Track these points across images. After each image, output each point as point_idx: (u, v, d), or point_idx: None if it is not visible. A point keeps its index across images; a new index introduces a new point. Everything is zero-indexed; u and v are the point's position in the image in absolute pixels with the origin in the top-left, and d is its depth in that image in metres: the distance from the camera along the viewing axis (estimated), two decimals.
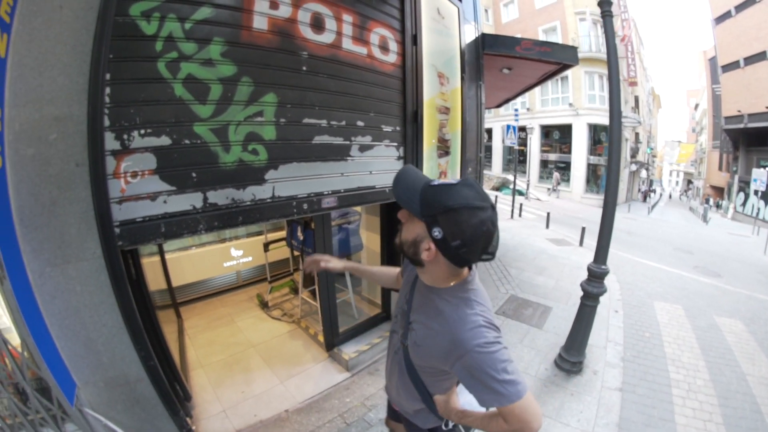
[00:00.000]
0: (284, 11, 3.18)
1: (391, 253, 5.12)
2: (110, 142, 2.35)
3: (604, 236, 4.40)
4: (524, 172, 29.37)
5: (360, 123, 3.95)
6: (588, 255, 9.52)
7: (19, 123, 2.01)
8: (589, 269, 4.48)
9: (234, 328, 5.40)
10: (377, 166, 4.24)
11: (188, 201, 2.72)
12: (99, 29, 2.23)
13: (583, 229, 11.85)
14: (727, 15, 29.49)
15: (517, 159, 23.30)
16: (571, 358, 4.58)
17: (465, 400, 1.63)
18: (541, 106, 29.36)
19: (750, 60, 27.50)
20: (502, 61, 7.09)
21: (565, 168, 28.89)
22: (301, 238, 5.00)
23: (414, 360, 1.57)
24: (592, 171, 28.07)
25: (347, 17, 3.72)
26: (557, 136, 29.32)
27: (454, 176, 5.66)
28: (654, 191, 44.08)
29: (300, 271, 5.59)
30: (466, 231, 1.26)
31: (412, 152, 4.65)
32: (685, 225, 23.62)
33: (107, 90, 2.31)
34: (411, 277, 1.69)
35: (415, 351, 1.53)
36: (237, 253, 6.46)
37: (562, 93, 27.64)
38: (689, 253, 13.34)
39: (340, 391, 4.16)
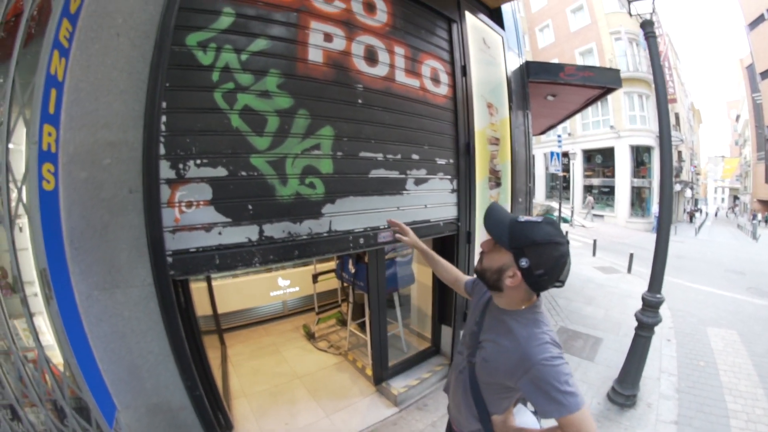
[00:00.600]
0: (338, 44, 3.14)
1: (442, 287, 4.89)
2: (165, 171, 2.31)
3: (658, 264, 4.20)
4: (568, 199, 28.47)
5: (415, 156, 3.84)
6: (636, 282, 9.93)
7: (74, 146, 2.00)
8: (643, 298, 4.26)
9: (279, 358, 5.22)
10: (432, 199, 4.10)
11: (244, 233, 2.63)
12: (156, 58, 2.24)
13: (631, 255, 11.38)
14: (760, 19, 28.72)
15: (561, 186, 22.62)
16: (624, 392, 4.32)
17: (521, 420, 1.79)
18: (582, 130, 28.60)
19: None
20: (547, 88, 6.94)
21: (608, 192, 27.94)
22: (353, 270, 4.83)
23: (480, 377, 1.66)
24: (637, 194, 26.99)
25: (399, 49, 3.66)
26: (600, 160, 28.35)
27: (504, 207, 5.41)
28: (699, 210, 42.09)
29: (348, 303, 5.42)
30: (549, 262, 1.44)
31: (465, 185, 4.50)
32: (734, 244, 22.57)
33: (163, 118, 2.28)
34: (482, 301, 1.82)
35: (483, 367, 1.63)
36: (284, 283, 6.34)
37: (602, 116, 26.84)
38: (741, 274, 12.70)
39: (388, 426, 3.96)
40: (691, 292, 9.62)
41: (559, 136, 18.47)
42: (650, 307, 4.21)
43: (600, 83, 6.86)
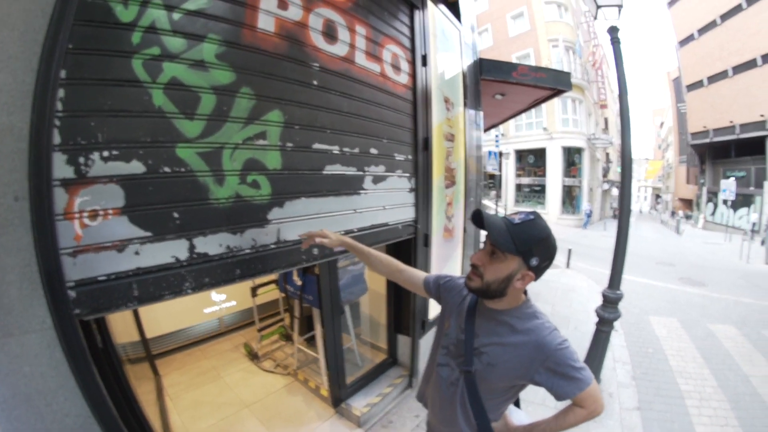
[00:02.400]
0: (294, 13, 2.51)
1: (398, 295, 4.41)
2: (60, 167, 1.58)
3: (617, 262, 4.34)
4: (500, 197, 29.30)
5: (373, 150, 3.28)
6: (576, 276, 10.56)
7: None
8: (604, 295, 4.41)
9: (222, 385, 4.49)
10: (390, 200, 3.57)
11: (169, 251, 1.92)
12: (58, 8, 1.53)
13: (569, 251, 11.81)
14: (690, 38, 31.49)
15: (498, 184, 23.37)
16: None
17: (517, 419, 1.77)
18: (515, 131, 29.68)
19: (713, 79, 29.36)
20: (497, 86, 6.64)
21: (540, 191, 29.22)
22: (299, 283, 4.23)
23: (483, 383, 1.61)
24: (567, 192, 28.56)
25: (360, 29, 3.09)
26: (532, 160, 29.67)
27: (458, 207, 5.15)
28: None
29: (294, 317, 4.79)
30: (552, 252, 1.50)
31: (423, 183, 4.02)
32: (660, 238, 24.31)
33: (60, 92, 1.56)
34: (464, 307, 1.74)
35: (488, 372, 1.58)
36: (219, 298, 5.57)
37: (536, 118, 27.94)
38: (671, 266, 13.71)
39: None
40: (628, 284, 10.11)
41: (497, 135, 18.70)
42: (610, 303, 4.35)
43: (551, 85, 6.63)
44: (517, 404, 1.93)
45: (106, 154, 1.70)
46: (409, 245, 4.03)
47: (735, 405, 4.60)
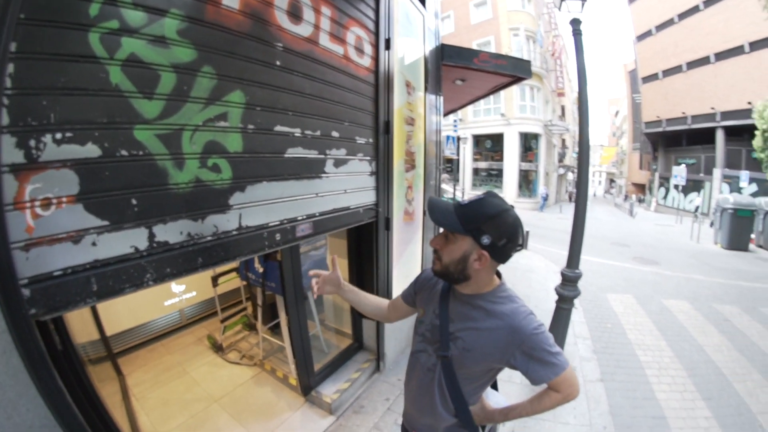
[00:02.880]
0: None
1: (360, 279, 4.38)
2: (9, 151, 1.43)
3: (575, 242, 4.50)
4: (458, 181, 29.69)
5: (335, 133, 3.21)
6: (534, 257, 10.85)
7: None
8: (563, 274, 4.55)
9: (188, 381, 4.30)
10: (352, 183, 3.52)
11: (128, 241, 1.80)
12: None
13: (527, 233, 11.83)
14: (648, 33, 33.50)
15: (455, 168, 23.64)
16: None
17: (494, 401, 1.77)
18: (473, 116, 30.11)
19: (668, 72, 31.46)
20: (458, 72, 6.62)
21: (497, 175, 29.84)
22: (261, 270, 4.11)
23: (460, 368, 1.60)
24: (524, 177, 29.45)
25: (325, 9, 3.00)
26: (489, 145, 30.24)
27: (418, 191, 5.15)
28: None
29: (256, 305, 4.66)
30: (509, 229, 1.44)
31: (384, 167, 3.99)
32: (614, 220, 25.44)
33: (10, 67, 1.42)
34: (435, 292, 1.74)
35: (464, 357, 1.57)
36: (179, 289, 5.31)
37: (494, 104, 28.41)
38: (626, 246, 14.23)
39: None
40: (585, 263, 10.67)
41: (455, 120, 18.82)
42: (570, 281, 4.48)
43: (511, 72, 6.65)
44: (494, 386, 1.93)
45: (59, 136, 1.55)
46: (370, 229, 4.02)
47: (691, 372, 4.93)
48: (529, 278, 8.59)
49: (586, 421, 3.82)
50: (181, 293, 5.36)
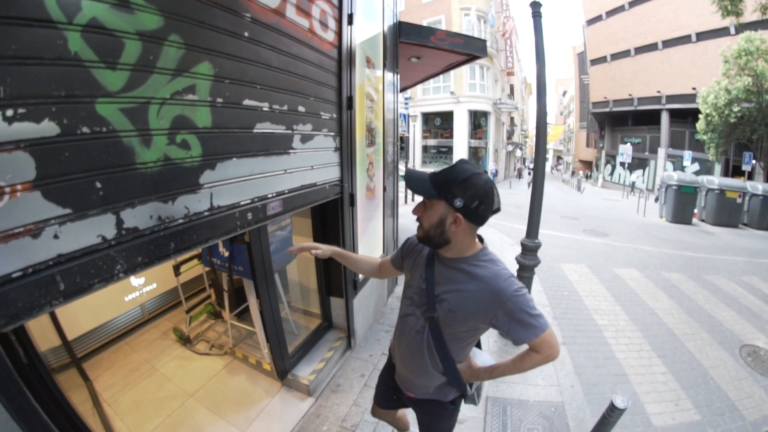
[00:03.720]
0: None
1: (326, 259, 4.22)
2: None
3: (534, 214, 4.59)
4: (408, 158, 29.77)
5: (301, 108, 3.04)
6: (488, 231, 10.85)
7: None
8: (522, 244, 4.67)
9: (159, 378, 4.03)
10: (318, 159, 3.38)
11: (94, 229, 1.58)
12: None
13: None
14: (598, 18, 34.55)
15: (402, 146, 23.65)
16: None
17: (480, 360, 1.88)
18: (422, 94, 30.00)
19: (616, 56, 32.82)
20: (414, 49, 6.52)
21: (447, 152, 30.09)
22: (226, 254, 3.90)
23: (447, 329, 1.68)
24: (474, 153, 29.87)
25: None
26: (438, 123, 30.37)
27: (378, 167, 5.12)
28: (530, 169, 47.34)
29: (224, 291, 4.42)
30: (480, 191, 1.51)
31: (347, 142, 3.87)
32: (563, 195, 26.18)
33: None
34: (422, 258, 1.82)
35: (450, 317, 1.64)
36: (138, 282, 4.90)
37: (443, 82, 28.45)
38: (576, 219, 14.75)
39: (312, 420, 3.46)
40: (539, 236, 10.78)
41: (406, 98, 18.70)
42: (529, 251, 4.61)
43: (467, 50, 6.60)
44: (478, 345, 2.02)
45: (10, 113, 1.30)
46: (336, 206, 3.91)
47: (646, 333, 5.31)
48: None
49: (554, 382, 3.99)
50: (141, 286, 4.97)
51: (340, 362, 4.20)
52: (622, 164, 28.02)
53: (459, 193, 1.50)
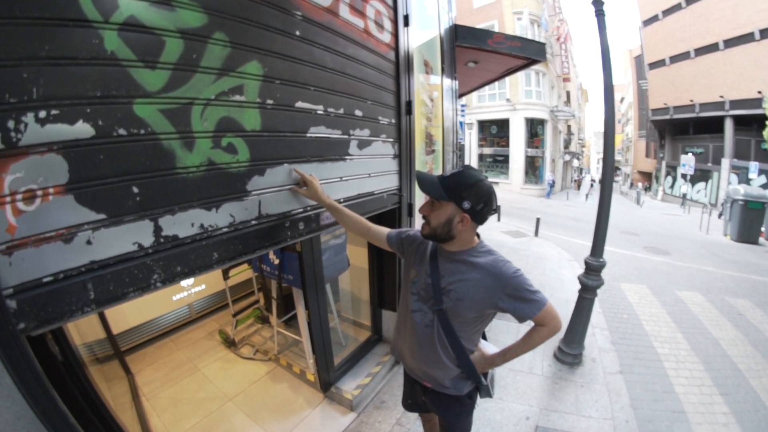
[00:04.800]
0: None
1: (381, 270, 4.09)
2: None
3: (600, 230, 4.21)
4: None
5: (358, 112, 2.84)
6: (546, 245, 10.38)
7: None
8: (587, 263, 4.27)
9: (200, 378, 3.99)
10: (375, 166, 3.16)
11: (129, 236, 1.46)
12: None
13: (537, 220, 11.57)
14: (654, 18, 31.53)
15: (460, 154, 23.28)
16: (572, 351, 4.38)
17: (490, 349, 1.93)
18: (478, 101, 29.09)
19: (675, 59, 29.61)
20: (471, 53, 6.20)
21: (503, 161, 29.06)
22: (276, 261, 3.77)
23: (456, 318, 1.73)
24: (530, 163, 28.50)
25: None
26: (494, 131, 29.36)
27: (437, 174, 4.71)
28: (595, 181, 45.00)
29: (272, 299, 4.30)
30: (484, 195, 1.63)
31: (406, 149, 3.62)
32: (622, 208, 24.43)
33: None
34: (426, 255, 1.87)
35: (458, 306, 1.70)
36: (187, 282, 4.95)
37: (499, 89, 27.53)
38: (635, 235, 13.52)
39: None
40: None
41: (462, 105, 18.32)
42: (593, 270, 4.21)
43: (525, 54, 6.23)
44: (484, 338, 2.06)
45: (43, 114, 1.22)
46: (392, 215, 3.68)
47: (708, 366, 4.68)
48: (542, 266, 8.30)
49: (608, 415, 3.65)
50: (189, 287, 5.03)
51: (387, 377, 3.95)
52: (684, 176, 25.58)
53: (467, 196, 1.61)
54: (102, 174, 1.37)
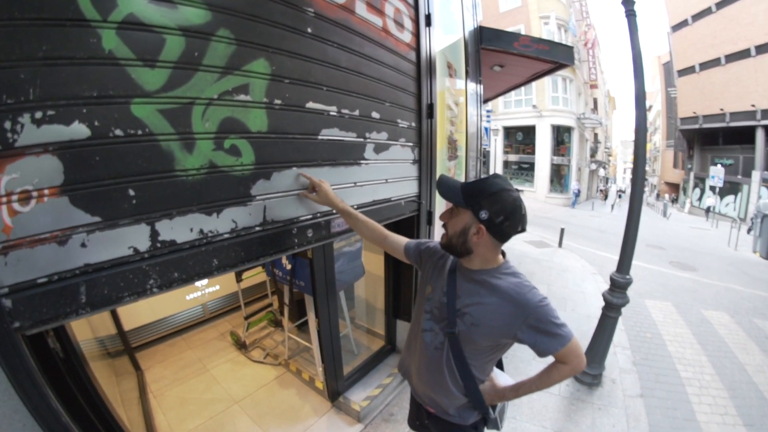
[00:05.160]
0: None
1: (397, 278, 4.00)
2: None
3: (628, 245, 3.95)
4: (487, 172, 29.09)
5: (375, 114, 2.77)
6: (570, 256, 10.23)
7: None
8: (612, 279, 4.04)
9: (208, 379, 4.05)
10: (393, 172, 3.09)
11: (125, 240, 1.44)
12: None
13: (562, 230, 11.41)
14: (684, 23, 30.58)
15: (485, 161, 23.23)
16: (592, 371, 4.20)
17: (503, 380, 1.78)
18: (504, 107, 28.92)
19: (705, 65, 28.63)
20: (496, 57, 6.11)
21: (528, 168, 28.76)
22: (288, 267, 3.75)
23: (468, 344, 1.59)
24: (556, 171, 28.16)
25: None
26: (520, 137, 29.15)
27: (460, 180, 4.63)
28: (623, 192, 44.00)
29: (284, 304, 4.32)
30: (507, 207, 1.46)
31: (426, 154, 3.54)
32: (648, 220, 23.87)
33: None
34: (445, 271, 1.73)
35: (472, 332, 1.56)
36: (201, 283, 5.03)
37: (525, 95, 27.29)
38: (661, 249, 13.19)
39: None
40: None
41: (488, 111, 18.22)
42: (619, 287, 3.99)
43: (553, 58, 6.11)
44: (500, 366, 1.93)
45: (39, 115, 1.21)
46: (411, 223, 3.60)
47: (732, 394, 4.48)
48: (564, 278, 8.17)
49: None
50: (203, 287, 5.13)
51: (399, 389, 3.86)
52: (712, 188, 24.39)
53: (485, 206, 1.48)
54: (97, 176, 1.35)
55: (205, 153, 1.65)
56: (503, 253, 1.65)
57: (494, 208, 1.46)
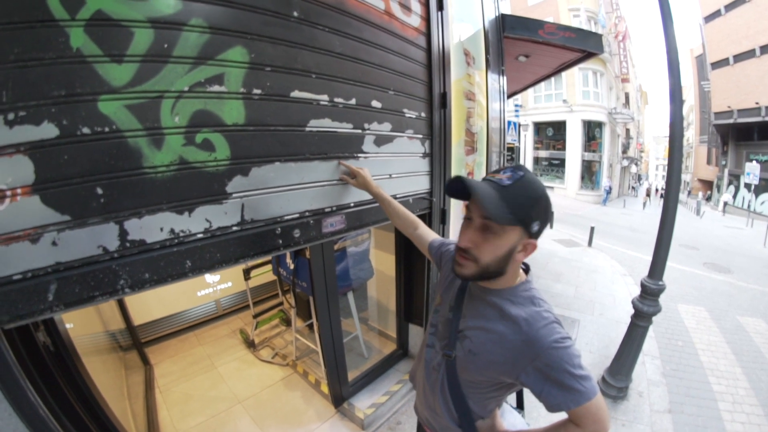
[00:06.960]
0: None
1: (409, 280, 4.02)
2: None
3: (662, 247, 3.83)
4: None
5: (376, 103, 2.79)
6: (599, 256, 10.43)
7: None
8: (643, 285, 3.94)
9: (215, 376, 4.31)
10: (399, 166, 3.10)
11: (94, 239, 1.54)
12: None
13: (592, 228, 11.69)
14: (716, 14, 30.74)
15: (511, 157, 23.55)
16: (618, 384, 4.17)
17: (509, 422, 1.61)
18: (534, 102, 29.76)
19: (739, 57, 28.81)
20: (521, 46, 6.14)
21: (558, 165, 29.56)
22: (292, 266, 3.87)
23: (463, 374, 1.43)
24: (587, 167, 28.83)
25: None
26: (550, 133, 29.91)
27: (480, 178, 4.64)
28: (657, 189, 44.06)
29: (291, 305, 4.49)
30: (547, 211, 1.27)
31: (439, 148, 3.55)
32: (680, 219, 23.32)
33: None
34: (454, 284, 1.59)
35: (470, 361, 1.38)
36: (213, 279, 5.35)
37: (555, 90, 28.16)
38: (695, 249, 13.40)
39: None
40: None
41: (516, 105, 18.45)
42: (650, 294, 3.89)
43: (581, 46, 6.10)
44: (520, 404, 1.84)
45: (11, 116, 1.33)
46: (423, 222, 3.60)
47: None
48: (593, 280, 8.24)
49: None
50: (215, 284, 5.43)
51: (408, 397, 3.92)
52: (748, 186, 24.47)
53: (536, 216, 1.23)
54: (66, 174, 1.46)
55: (175, 148, 1.71)
56: (526, 267, 1.48)
57: (542, 216, 1.25)
